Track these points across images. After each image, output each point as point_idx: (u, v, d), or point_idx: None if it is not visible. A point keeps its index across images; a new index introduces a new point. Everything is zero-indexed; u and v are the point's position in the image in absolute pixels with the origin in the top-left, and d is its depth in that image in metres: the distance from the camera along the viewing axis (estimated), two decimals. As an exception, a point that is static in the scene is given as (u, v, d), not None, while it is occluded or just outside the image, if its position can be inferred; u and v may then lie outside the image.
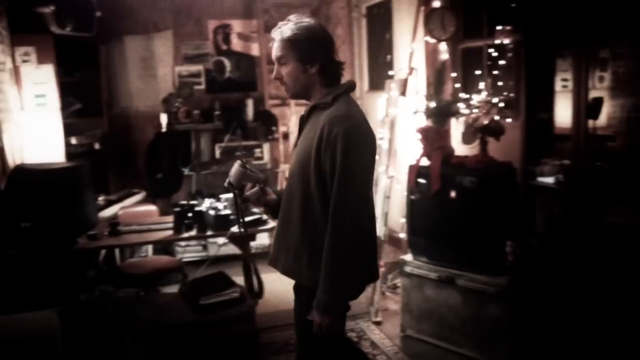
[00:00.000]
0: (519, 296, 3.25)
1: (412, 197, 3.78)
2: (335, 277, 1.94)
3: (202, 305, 3.35)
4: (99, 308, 3.17)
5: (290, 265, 2.10)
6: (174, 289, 4.31)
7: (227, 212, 3.63)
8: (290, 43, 2.01)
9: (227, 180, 2.13)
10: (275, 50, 2.04)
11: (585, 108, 2.68)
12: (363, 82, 6.18)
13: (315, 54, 2.02)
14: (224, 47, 5.86)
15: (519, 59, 3.72)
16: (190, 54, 5.78)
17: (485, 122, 3.46)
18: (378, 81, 5.88)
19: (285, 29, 2.02)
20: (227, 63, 5.82)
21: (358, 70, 6.22)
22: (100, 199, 4.47)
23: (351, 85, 2.14)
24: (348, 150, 1.91)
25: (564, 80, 3.26)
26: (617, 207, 2.89)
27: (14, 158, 4.03)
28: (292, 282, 2.21)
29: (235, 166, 2.12)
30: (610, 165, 2.83)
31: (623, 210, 2.85)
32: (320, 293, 1.96)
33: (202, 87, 5.81)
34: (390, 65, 5.44)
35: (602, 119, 2.83)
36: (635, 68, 2.88)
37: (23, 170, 3.34)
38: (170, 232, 3.56)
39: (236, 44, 5.89)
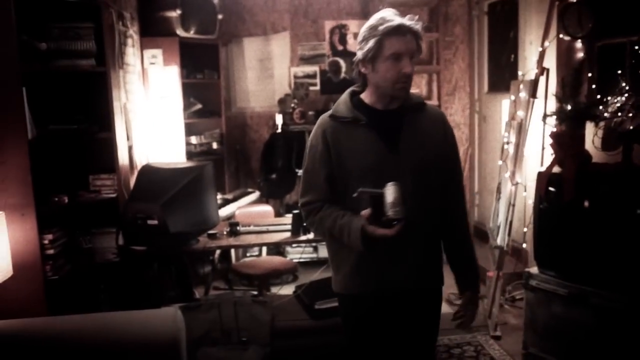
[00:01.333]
0: None
1: (541, 206, 3.52)
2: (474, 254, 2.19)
3: (317, 310, 3.30)
4: (216, 307, 3.20)
5: (420, 271, 2.10)
6: (284, 290, 4.31)
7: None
8: (419, 38, 1.96)
9: (387, 212, 1.76)
10: (413, 45, 1.93)
11: None
12: (482, 83, 5.92)
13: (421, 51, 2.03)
14: (340, 47, 5.82)
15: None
16: (306, 54, 5.79)
17: (631, 126, 3.14)
18: (499, 82, 5.60)
19: (415, 23, 1.95)
20: (342, 63, 5.77)
21: (477, 71, 5.96)
22: (218, 197, 4.57)
23: None
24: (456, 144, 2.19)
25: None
26: None
27: (140, 156, 4.20)
28: None
29: (396, 188, 1.77)
30: None
31: None
32: (474, 273, 2.19)
33: (317, 87, 5.80)
34: (513, 66, 5.14)
35: None
36: None
37: (151, 169, 3.44)
38: (287, 235, 3.53)
39: (352, 45, 5.81)
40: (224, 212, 4.32)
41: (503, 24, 5.51)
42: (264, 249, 4.70)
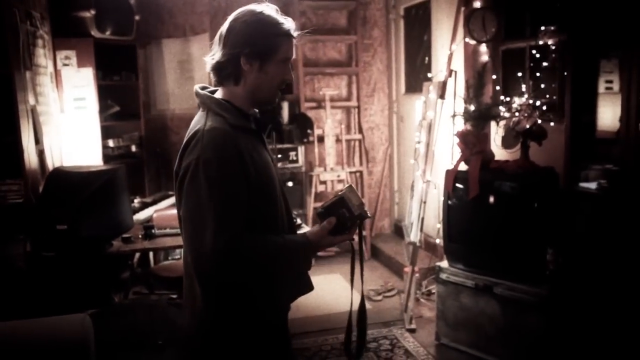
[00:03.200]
0: (560, 306, 3.12)
1: (450, 202, 3.69)
2: None
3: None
4: (132, 311, 3.17)
5: None
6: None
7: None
8: None
9: (356, 212, 1.70)
10: (293, 51, 1.78)
11: (636, 110, 2.55)
12: (400, 84, 6.10)
13: None
14: (260, 49, 5.84)
15: (563, 60, 3.60)
16: (227, 56, 5.78)
17: (527, 125, 3.34)
18: (415, 84, 5.80)
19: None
20: (263, 65, 5.79)
21: (395, 73, 6.14)
22: (136, 201, 4.50)
23: None
24: None
25: (609, 82, 3.14)
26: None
27: (53, 160, 4.09)
28: (323, 287, 2.15)
29: (352, 192, 1.71)
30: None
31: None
32: None
33: (239, 90, 5.80)
34: (428, 68, 5.34)
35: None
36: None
37: (61, 173, 3.37)
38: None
39: (272, 47, 5.86)
40: (141, 215, 4.27)
41: (418, 27, 5.70)
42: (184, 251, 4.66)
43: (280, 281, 1.75)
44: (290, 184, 5.69)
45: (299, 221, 3.79)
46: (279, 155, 5.53)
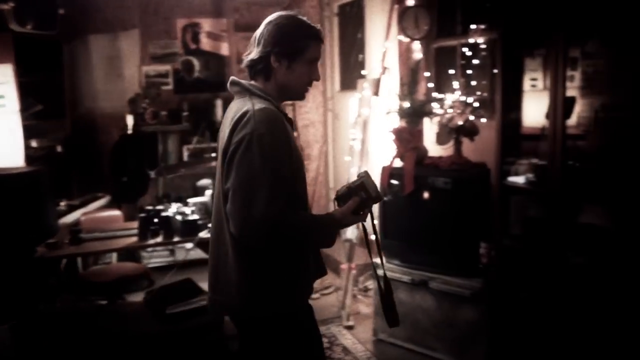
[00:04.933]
0: (494, 298, 3.19)
1: (385, 198, 3.70)
2: None
3: (168, 315, 3.22)
4: (58, 320, 3.01)
5: None
6: (140, 297, 4.16)
7: (195, 217, 3.50)
8: None
9: (373, 194, 1.86)
10: (319, 51, 1.94)
11: (563, 107, 2.62)
12: (335, 82, 6.10)
13: None
14: (193, 46, 5.71)
15: (493, 58, 3.68)
16: (158, 53, 5.62)
17: (460, 122, 3.40)
18: (350, 81, 5.81)
19: None
20: (195, 63, 5.67)
21: (330, 70, 6.13)
22: (62, 204, 4.30)
23: None
24: None
25: (533, 79, 3.24)
26: (592, 207, 2.85)
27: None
28: None
29: (369, 177, 1.89)
30: (582, 164, 2.80)
31: (597, 210, 2.82)
32: None
33: (170, 87, 5.65)
34: (362, 65, 5.36)
35: (573, 118, 2.79)
36: (604, 67, 2.86)
37: (-24, 176, 3.16)
38: (135, 239, 3.41)
39: (205, 43, 5.74)
40: (68, 219, 4.07)
41: (352, 24, 5.72)
42: (114, 255, 4.50)
43: (305, 260, 1.91)
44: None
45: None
46: (213, 154, 5.41)
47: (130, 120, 5.23)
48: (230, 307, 1.91)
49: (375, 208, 4.08)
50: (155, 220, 3.43)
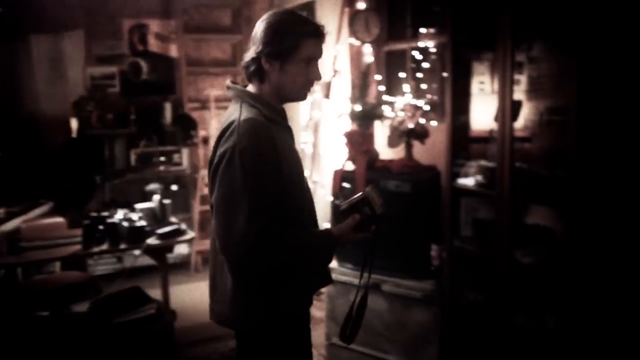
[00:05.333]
0: (445, 300, 3.21)
1: (337, 202, 3.68)
2: None
3: (115, 325, 3.11)
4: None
5: None
6: (86, 306, 4.01)
7: (142, 223, 3.40)
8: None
9: (378, 211, 1.79)
10: (322, 50, 1.84)
11: (511, 110, 2.66)
12: (286, 85, 6.06)
13: None
14: (141, 47, 5.57)
15: (442, 61, 3.72)
16: (104, 54, 5.45)
17: (411, 125, 3.41)
18: (301, 84, 5.78)
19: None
20: (143, 65, 5.53)
21: (281, 73, 6.09)
22: (0, 211, 4.10)
23: None
24: None
25: (481, 83, 3.29)
26: (538, 208, 2.91)
27: None
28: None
29: (375, 192, 1.81)
30: (528, 166, 2.85)
31: (543, 211, 2.87)
32: None
33: (117, 89, 5.48)
34: (313, 68, 5.34)
35: (520, 121, 2.84)
36: (548, 71, 2.93)
37: None
38: (79, 247, 3.28)
39: (153, 45, 5.61)
40: (6, 227, 3.88)
41: (302, 28, 5.70)
42: (58, 264, 4.33)
43: (303, 273, 1.81)
44: (174, 187, 5.47)
45: (183, 227, 3.65)
46: (161, 158, 5.29)
47: (74, 123, 5.06)
48: (225, 316, 1.84)
49: (326, 212, 4.09)
50: (101, 227, 3.32)
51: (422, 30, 3.85)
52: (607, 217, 2.37)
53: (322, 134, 4.18)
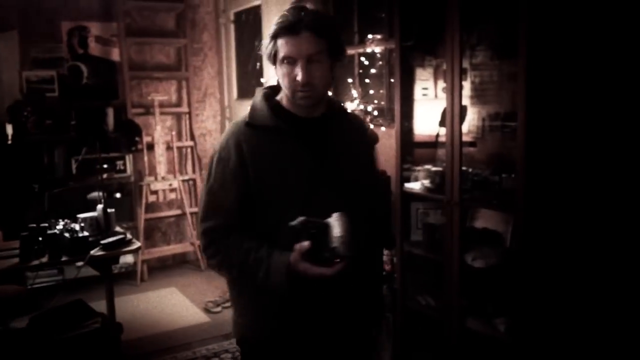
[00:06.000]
0: (398, 306, 3.23)
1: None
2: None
3: (58, 341, 2.97)
4: None
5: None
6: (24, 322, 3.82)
7: (85, 233, 3.27)
8: (322, 32, 1.59)
9: (331, 244, 1.47)
10: (309, 45, 1.57)
11: (460, 115, 2.70)
12: (232, 89, 6.00)
13: (342, 48, 1.67)
14: (81, 51, 5.37)
15: (389, 67, 3.76)
16: (41, 57, 5.22)
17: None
18: (248, 89, 5.73)
19: (319, 18, 1.60)
20: (84, 69, 5.34)
21: (226, 78, 6.02)
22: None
23: None
24: None
25: (425, 89, 3.34)
26: (485, 212, 2.96)
27: None
28: (160, 303, 1.97)
29: (340, 221, 1.48)
30: (473, 170, 2.91)
31: (492, 216, 2.93)
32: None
33: (56, 94, 5.27)
34: (260, 73, 5.30)
35: (465, 126, 2.89)
36: (490, 77, 3.00)
37: None
38: (16, 260, 3.12)
39: (94, 48, 5.43)
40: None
41: (248, 32, 5.65)
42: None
43: (256, 292, 1.66)
44: (118, 195, 5.30)
45: (128, 237, 3.52)
46: (105, 165, 5.11)
47: (10, 129, 4.82)
48: None
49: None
50: (40, 238, 3.16)
51: (369, 36, 3.88)
52: (555, 221, 2.44)
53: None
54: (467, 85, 3.02)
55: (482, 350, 2.61)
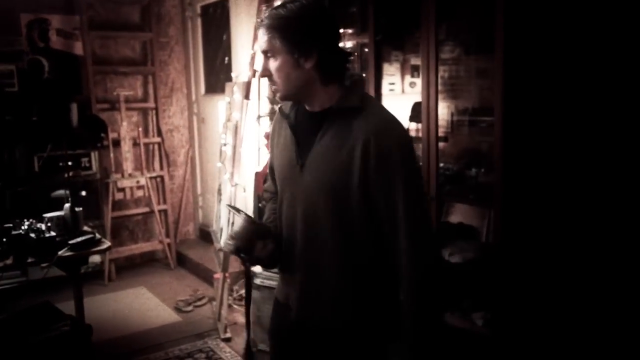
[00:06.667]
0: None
1: (260, 204, 3.60)
2: (426, 327, 1.60)
3: (26, 345, 2.86)
4: None
5: (327, 319, 1.71)
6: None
7: (52, 234, 3.16)
8: (277, 31, 1.58)
9: (233, 243, 1.67)
10: (261, 41, 1.62)
11: (436, 110, 2.70)
12: (199, 85, 5.91)
13: (309, 43, 1.59)
14: (41, 44, 5.19)
15: (361, 62, 3.74)
16: (-1, 51, 5.04)
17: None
18: (215, 84, 5.66)
19: (272, 13, 1.60)
20: (45, 63, 5.17)
21: (193, 73, 5.92)
22: None
23: (363, 81, 1.84)
24: (408, 165, 1.58)
25: (391, 84, 3.34)
26: (459, 206, 2.98)
27: None
28: (130, 303, 1.92)
29: (240, 222, 1.67)
30: (444, 164, 2.92)
31: (467, 210, 2.95)
32: (408, 351, 1.60)
33: (15, 89, 5.09)
34: (228, 68, 5.23)
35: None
36: (456, 72, 3.01)
37: None
38: (-19, 262, 2.99)
39: (56, 42, 5.25)
40: None
41: (216, 26, 5.56)
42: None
43: None
44: (83, 193, 5.16)
45: (97, 236, 3.42)
46: (70, 163, 4.96)
47: (-33, 126, 4.65)
48: None
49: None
50: (4, 239, 3.04)
51: (341, 30, 3.85)
52: (531, 215, 2.46)
53: (243, 136, 4.08)
54: (419, 82, 3.06)
55: (460, 345, 2.63)
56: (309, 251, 1.69)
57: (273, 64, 1.61)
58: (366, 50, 3.74)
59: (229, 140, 4.15)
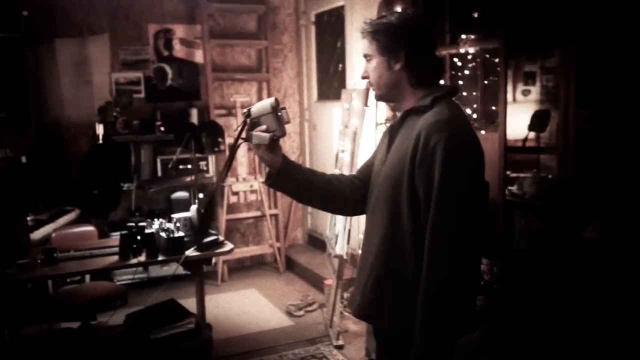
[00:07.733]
0: (497, 317, 3.09)
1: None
2: (430, 346, 1.57)
3: (153, 340, 2.98)
4: (31, 347, 2.75)
5: (367, 307, 1.77)
6: (114, 318, 3.89)
7: (181, 234, 3.28)
8: (372, 35, 1.77)
9: (248, 108, 1.82)
10: (363, 46, 1.81)
11: (574, 119, 2.54)
12: (312, 91, 5.97)
13: (397, 46, 1.71)
14: (166, 53, 5.47)
15: (484, 68, 3.62)
16: (129, 59, 5.36)
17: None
18: (328, 91, 5.69)
19: (372, 22, 1.79)
20: (168, 70, 5.44)
21: (306, 80, 6.00)
22: (29, 219, 3.99)
23: (453, 89, 1.80)
24: (450, 164, 1.56)
25: (527, 91, 3.18)
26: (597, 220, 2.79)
27: None
28: (243, 304, 1.95)
29: (267, 101, 1.79)
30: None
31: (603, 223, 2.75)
32: (418, 348, 1.59)
33: (142, 95, 5.39)
34: (342, 75, 5.24)
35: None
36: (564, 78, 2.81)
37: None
38: (115, 258, 3.16)
39: (179, 50, 5.51)
40: (36, 235, 3.77)
41: (330, 34, 5.60)
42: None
43: None
44: (201, 195, 5.34)
45: (221, 238, 3.51)
46: (189, 166, 5.15)
47: (100, 129, 4.95)
48: None
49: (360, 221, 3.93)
50: (138, 237, 3.19)
51: (463, 36, 3.74)
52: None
53: (362, 142, 4.05)
54: (535, 90, 2.98)
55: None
56: (367, 240, 1.82)
57: (370, 66, 1.79)
58: (487, 56, 3.64)
59: (346, 147, 4.14)
